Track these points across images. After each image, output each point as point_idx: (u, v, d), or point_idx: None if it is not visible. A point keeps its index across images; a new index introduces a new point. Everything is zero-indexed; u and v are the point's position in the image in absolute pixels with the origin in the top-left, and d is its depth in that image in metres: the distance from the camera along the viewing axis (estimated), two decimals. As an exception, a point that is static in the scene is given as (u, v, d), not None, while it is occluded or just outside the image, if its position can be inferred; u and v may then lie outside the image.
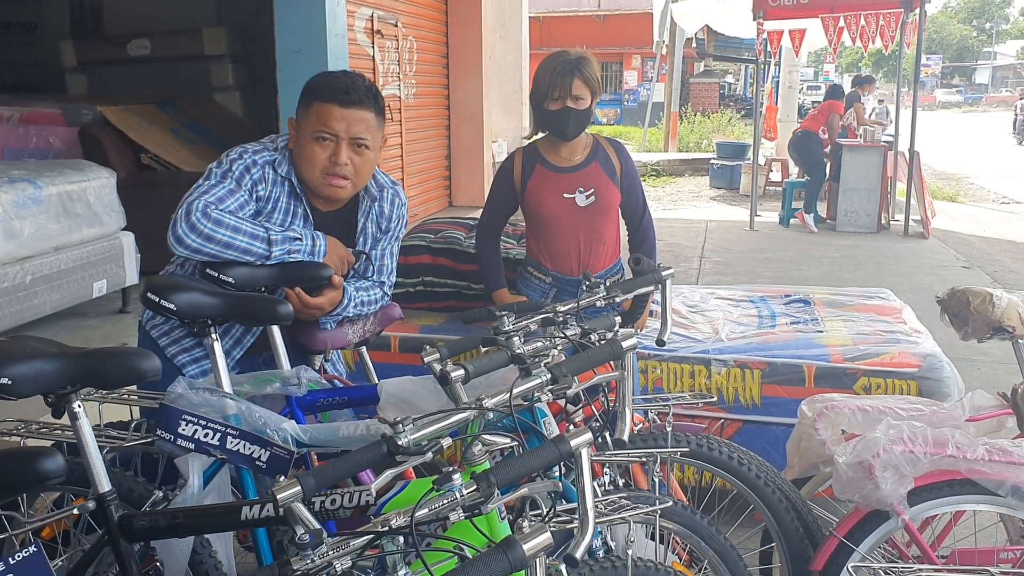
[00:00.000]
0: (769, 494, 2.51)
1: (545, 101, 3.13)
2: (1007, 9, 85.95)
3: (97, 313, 5.61)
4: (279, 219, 2.53)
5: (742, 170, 15.00)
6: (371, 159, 2.55)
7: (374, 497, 1.90)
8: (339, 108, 2.46)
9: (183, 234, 2.35)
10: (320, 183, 2.51)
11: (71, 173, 5.19)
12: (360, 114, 2.48)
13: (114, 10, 8.92)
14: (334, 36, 5.80)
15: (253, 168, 2.50)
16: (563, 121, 3.13)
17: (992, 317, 2.77)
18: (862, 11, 10.45)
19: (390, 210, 2.71)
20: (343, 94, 2.46)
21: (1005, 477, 2.22)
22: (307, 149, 2.49)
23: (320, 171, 2.49)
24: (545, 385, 1.84)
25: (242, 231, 2.40)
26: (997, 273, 8.63)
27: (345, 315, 2.61)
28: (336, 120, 2.46)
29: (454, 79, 9.74)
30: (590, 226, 3.24)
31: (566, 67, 3.09)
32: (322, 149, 2.48)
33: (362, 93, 2.49)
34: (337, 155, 2.47)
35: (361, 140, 2.49)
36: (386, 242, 2.73)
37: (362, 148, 2.50)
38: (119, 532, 1.92)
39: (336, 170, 2.48)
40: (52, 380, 1.82)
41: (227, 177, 2.47)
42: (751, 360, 3.51)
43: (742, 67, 37.60)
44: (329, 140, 2.48)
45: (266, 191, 2.51)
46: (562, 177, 3.23)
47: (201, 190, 2.43)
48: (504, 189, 3.32)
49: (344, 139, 2.47)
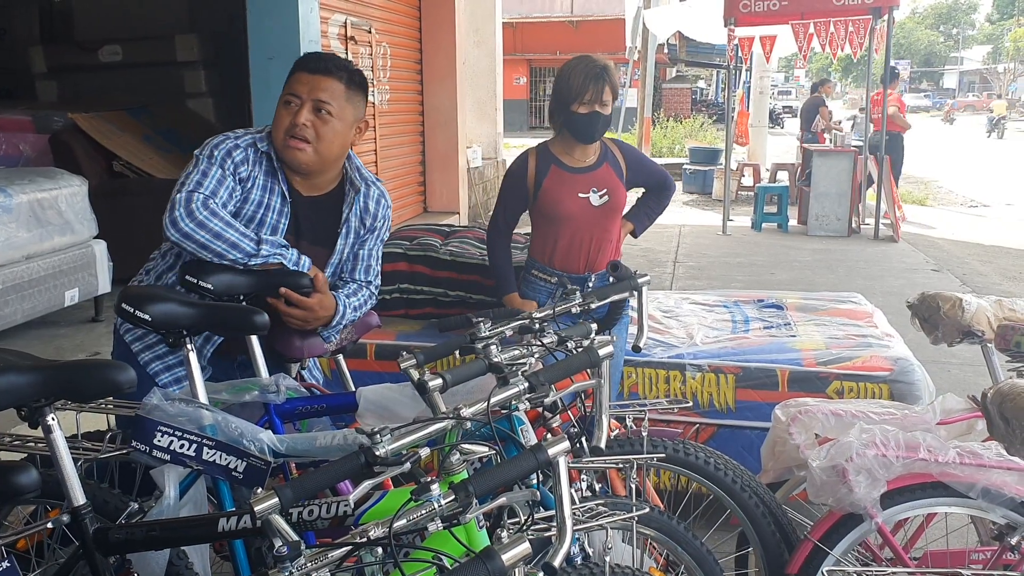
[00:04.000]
0: (745, 498, 2.53)
1: (573, 104, 3.18)
2: (973, 15, 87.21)
3: (69, 322, 5.56)
4: (257, 196, 2.55)
5: (715, 175, 15.10)
6: (336, 128, 2.56)
7: (352, 508, 1.89)
8: (306, 74, 2.55)
9: (179, 217, 2.39)
10: (282, 145, 2.54)
11: (42, 181, 5.14)
12: (326, 81, 2.54)
13: (85, 16, 8.82)
14: (307, 42, 5.79)
15: (235, 151, 2.53)
16: (592, 125, 3.21)
17: (962, 322, 2.81)
18: (832, 18, 10.55)
19: (375, 208, 2.72)
20: (312, 62, 2.57)
21: (976, 480, 2.25)
22: (276, 114, 2.56)
23: (283, 132, 2.53)
24: (523, 394, 1.85)
25: (234, 226, 2.45)
26: (966, 276, 8.74)
27: (344, 324, 2.64)
28: (301, 84, 2.54)
29: (428, 85, 9.73)
30: (602, 225, 3.32)
31: (599, 73, 3.16)
32: (287, 113, 2.54)
33: (331, 63, 2.58)
34: (298, 115, 2.51)
35: (323, 103, 2.52)
36: (372, 242, 2.75)
37: (324, 113, 2.53)
38: (94, 545, 1.91)
39: (295, 131, 2.51)
40: (25, 393, 1.80)
41: (212, 164, 2.49)
42: (725, 365, 3.54)
43: (714, 73, 37.85)
44: (294, 104, 2.53)
45: (247, 171, 2.54)
46: (577, 178, 3.29)
47: (195, 180, 2.46)
48: (518, 188, 3.36)
49: (307, 101, 2.52)
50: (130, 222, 5.74)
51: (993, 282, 8.55)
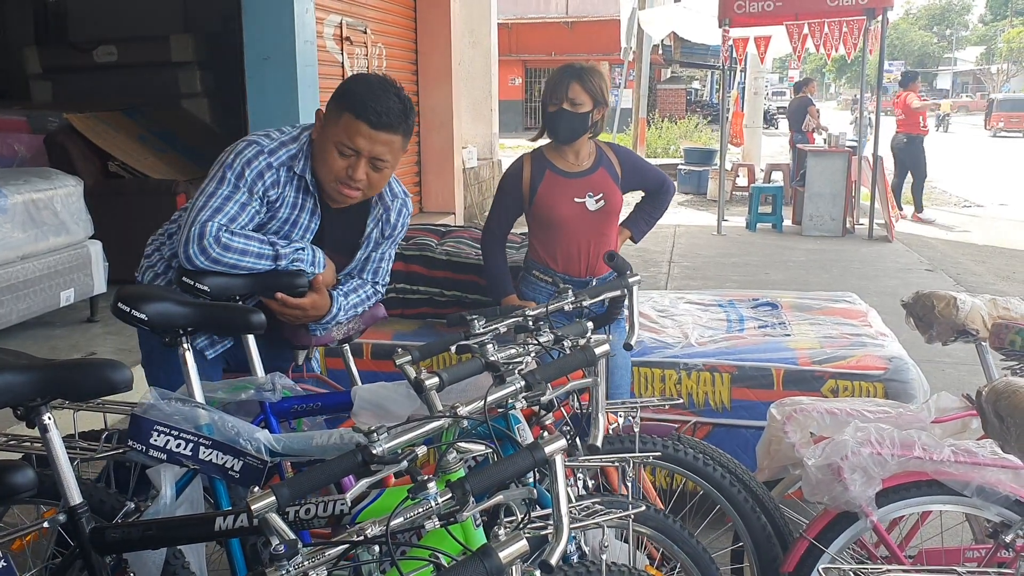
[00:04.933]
0: (735, 494, 2.54)
1: (548, 104, 3.23)
2: (966, 16, 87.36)
3: (65, 322, 5.55)
4: (285, 214, 2.54)
5: (709, 175, 15.12)
6: (387, 175, 2.56)
7: (349, 506, 1.90)
8: (367, 128, 2.42)
9: (193, 255, 2.40)
10: (332, 189, 2.52)
11: (37, 181, 5.13)
12: (387, 137, 2.45)
13: (80, 16, 8.81)
14: (303, 43, 5.78)
15: (267, 172, 2.48)
16: (556, 123, 3.23)
17: (956, 321, 2.82)
18: (826, 18, 10.57)
19: (396, 219, 2.74)
20: (375, 116, 2.42)
21: (970, 478, 2.25)
22: (328, 155, 2.48)
23: (335, 179, 2.49)
24: (519, 392, 1.85)
25: (249, 252, 2.45)
26: (960, 275, 8.76)
27: (337, 322, 2.64)
28: (362, 139, 2.43)
29: (423, 86, 9.73)
30: (598, 229, 3.33)
31: (569, 72, 3.20)
32: (342, 160, 2.47)
33: (394, 117, 2.44)
34: (355, 170, 2.47)
35: (382, 162, 2.49)
36: (387, 246, 2.77)
37: (381, 166, 2.50)
38: (91, 545, 1.91)
39: (351, 183, 2.49)
40: (21, 392, 1.80)
41: (239, 186, 2.45)
42: (720, 364, 3.54)
43: (708, 73, 37.87)
44: (349, 154, 2.46)
45: (277, 194, 2.51)
46: (572, 182, 3.30)
47: (214, 206, 2.42)
48: (512, 194, 3.36)
49: (365, 157, 2.46)
50: (125, 222, 5.72)
51: (987, 281, 8.57)
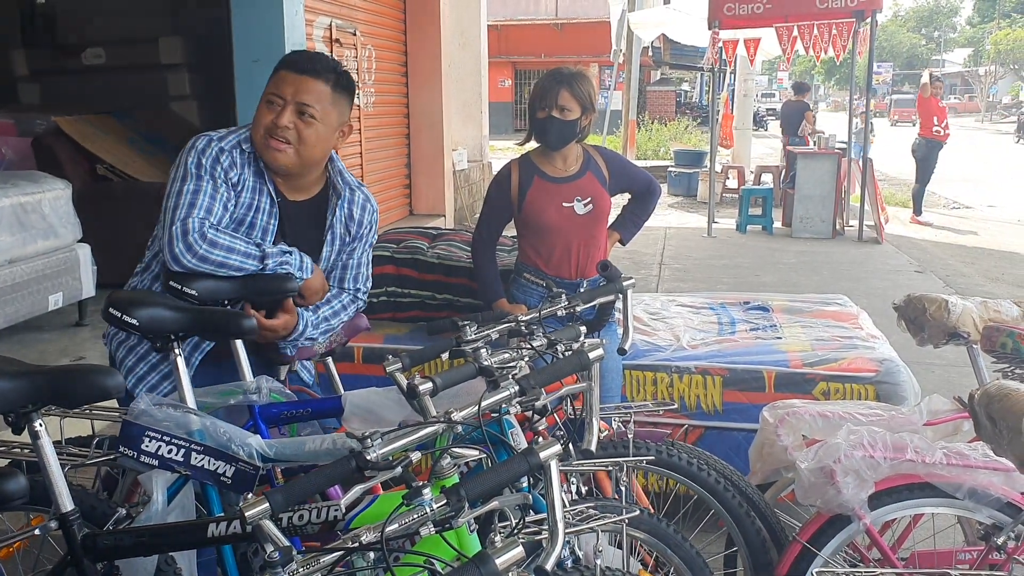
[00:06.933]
0: (728, 498, 2.54)
1: (537, 110, 3.24)
2: (954, 18, 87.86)
3: (53, 326, 5.52)
4: (247, 199, 2.51)
5: (699, 177, 15.14)
6: (319, 131, 2.50)
7: (343, 512, 1.89)
8: (292, 73, 2.47)
9: (180, 254, 2.35)
10: (262, 144, 2.49)
11: (25, 184, 5.11)
12: (312, 83, 2.47)
13: (68, 19, 8.74)
14: (292, 45, 5.77)
15: (222, 156, 2.47)
16: (546, 129, 3.24)
17: (948, 323, 2.83)
18: (815, 21, 10.61)
19: (360, 215, 2.69)
20: (300, 61, 2.50)
21: (962, 480, 2.26)
22: (259, 113, 2.50)
23: (263, 131, 2.47)
24: (513, 397, 1.85)
25: (236, 251, 2.40)
26: (949, 277, 8.80)
27: (307, 339, 2.60)
28: (286, 84, 2.46)
29: (413, 87, 9.73)
30: (588, 232, 3.34)
31: (558, 78, 3.21)
32: (269, 111, 2.47)
33: (319, 64, 2.50)
34: (280, 116, 2.45)
35: (306, 107, 2.46)
36: (360, 249, 2.72)
37: (307, 117, 2.47)
38: (82, 552, 1.89)
39: (276, 132, 2.46)
40: (12, 399, 1.79)
41: (202, 176, 2.44)
42: (712, 366, 3.55)
43: (698, 75, 37.98)
44: (277, 103, 2.47)
45: (236, 175, 2.49)
46: (560, 187, 3.31)
47: (187, 203, 2.40)
48: (501, 200, 3.37)
49: (290, 103, 2.46)
50: (114, 225, 5.71)
51: (976, 283, 8.61)
